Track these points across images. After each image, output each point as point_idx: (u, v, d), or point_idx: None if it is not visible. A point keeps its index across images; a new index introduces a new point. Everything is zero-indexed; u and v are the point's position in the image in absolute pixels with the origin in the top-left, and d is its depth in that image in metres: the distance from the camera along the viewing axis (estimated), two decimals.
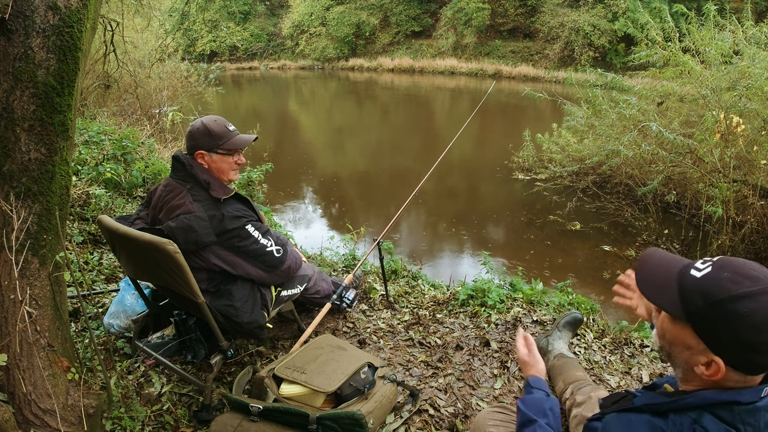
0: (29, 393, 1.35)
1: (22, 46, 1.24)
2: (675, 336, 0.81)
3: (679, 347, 0.81)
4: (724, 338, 0.74)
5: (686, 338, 0.79)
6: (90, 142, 4.19)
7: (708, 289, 0.75)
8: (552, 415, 1.05)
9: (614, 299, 1.26)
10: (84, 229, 3.03)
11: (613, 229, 5.10)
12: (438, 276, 3.69)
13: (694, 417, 0.77)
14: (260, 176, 4.72)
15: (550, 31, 21.02)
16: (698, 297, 0.76)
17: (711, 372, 0.76)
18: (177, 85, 8.58)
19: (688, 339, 0.79)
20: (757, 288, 0.72)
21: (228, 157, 1.75)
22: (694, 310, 0.76)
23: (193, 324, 1.80)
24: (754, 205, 4.13)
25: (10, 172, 1.30)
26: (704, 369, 0.77)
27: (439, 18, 24.84)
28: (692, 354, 0.79)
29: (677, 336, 0.80)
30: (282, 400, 1.62)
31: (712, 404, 0.77)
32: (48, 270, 1.40)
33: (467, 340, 2.26)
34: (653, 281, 0.84)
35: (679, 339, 0.80)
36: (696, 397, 0.78)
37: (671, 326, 0.81)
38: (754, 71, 4.09)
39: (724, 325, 0.73)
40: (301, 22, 27.40)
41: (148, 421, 1.70)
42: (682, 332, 0.79)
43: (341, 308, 2.34)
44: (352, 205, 6.28)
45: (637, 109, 5.21)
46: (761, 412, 0.76)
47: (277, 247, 1.81)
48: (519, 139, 6.98)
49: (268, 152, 7.43)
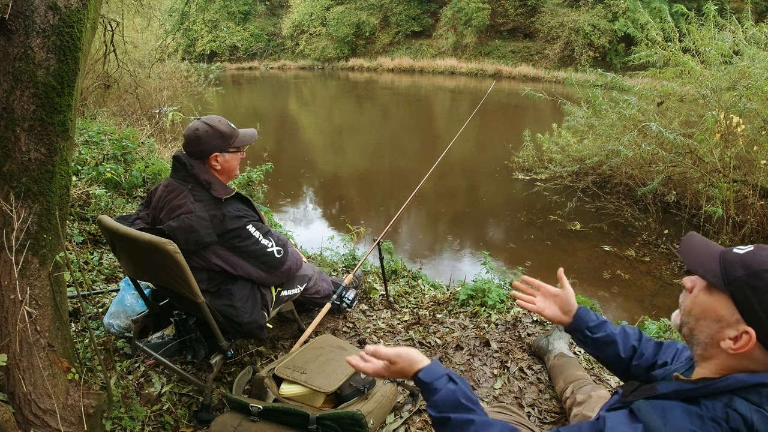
0: (29, 393, 1.35)
1: (22, 46, 1.24)
2: (706, 308, 0.82)
3: (707, 321, 0.82)
4: (760, 308, 0.75)
5: (719, 309, 0.80)
6: (90, 142, 4.19)
7: (750, 261, 0.78)
8: (477, 402, 0.94)
9: (516, 302, 1.21)
10: (84, 229, 3.03)
11: (613, 229, 5.10)
12: (438, 276, 3.69)
13: (726, 401, 0.77)
14: (260, 176, 4.72)
15: (550, 31, 21.03)
16: (740, 267, 0.78)
17: (739, 345, 0.77)
18: (177, 85, 8.58)
19: (721, 310, 0.80)
20: None
21: (237, 155, 1.79)
22: (734, 279, 0.78)
23: (193, 324, 1.80)
24: (754, 205, 4.13)
25: (10, 172, 1.30)
26: (732, 343, 0.78)
27: (439, 18, 24.85)
28: (721, 327, 0.80)
29: (710, 307, 0.82)
30: (282, 400, 1.62)
31: (741, 388, 0.78)
32: (48, 270, 1.40)
33: (467, 340, 2.26)
34: (696, 254, 0.86)
35: (710, 311, 0.82)
36: (726, 380, 0.79)
37: (706, 298, 0.83)
38: (754, 71, 4.09)
39: (762, 294, 0.75)
40: (301, 22, 27.40)
41: (148, 421, 1.70)
42: (717, 303, 0.81)
43: (341, 308, 2.34)
44: (352, 205, 6.28)
45: (637, 109, 5.21)
46: None
47: (278, 248, 1.81)
48: (519, 139, 6.99)
49: (268, 152, 7.43)
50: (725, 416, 0.76)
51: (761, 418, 0.75)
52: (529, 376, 2.04)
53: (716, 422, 0.76)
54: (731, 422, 0.75)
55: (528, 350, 2.20)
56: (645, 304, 3.66)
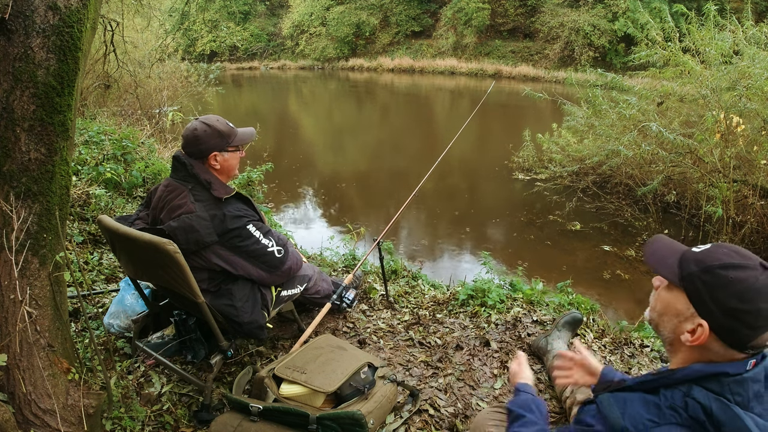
0: (29, 393, 1.35)
1: (22, 46, 1.24)
2: (667, 304, 0.88)
3: (668, 316, 0.88)
4: (711, 301, 0.80)
5: (677, 304, 0.85)
6: (90, 142, 4.19)
7: (703, 258, 0.83)
8: (538, 411, 1.08)
9: (555, 382, 1.35)
10: (84, 229, 3.03)
11: (613, 229, 5.10)
12: (438, 276, 3.69)
13: (684, 390, 0.81)
14: (260, 176, 4.72)
15: (550, 31, 21.02)
16: (693, 264, 0.84)
17: (695, 337, 0.82)
18: (177, 85, 8.58)
19: (678, 305, 0.85)
20: (747, 262, 0.80)
21: (237, 153, 1.78)
22: (688, 274, 0.84)
23: (193, 324, 1.80)
24: (754, 205, 4.13)
25: (10, 172, 1.30)
26: (689, 336, 0.83)
27: (439, 18, 24.84)
28: (680, 321, 0.85)
29: (669, 303, 0.87)
30: (282, 400, 1.62)
31: (701, 377, 0.81)
32: (48, 270, 1.40)
33: (467, 340, 2.26)
34: (658, 255, 0.91)
35: (670, 306, 0.87)
36: (685, 371, 0.82)
37: (666, 294, 0.88)
38: (754, 71, 4.08)
39: (711, 288, 0.80)
40: (301, 22, 27.39)
41: (148, 421, 1.70)
42: (675, 299, 0.86)
43: (341, 308, 2.34)
44: (352, 205, 6.28)
45: (637, 109, 5.21)
46: (749, 382, 0.79)
47: (278, 248, 1.81)
48: (519, 139, 6.98)
49: (268, 152, 7.43)
50: (684, 405, 0.79)
51: (720, 406, 0.77)
52: None
53: (675, 410, 0.79)
54: (690, 410, 0.78)
55: (528, 350, 2.20)
56: (645, 305, 3.60)
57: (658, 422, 0.79)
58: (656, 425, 0.79)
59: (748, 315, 0.77)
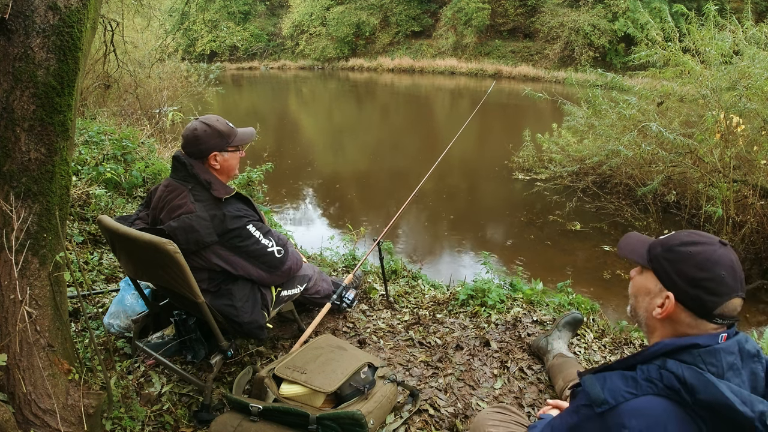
0: (29, 393, 1.35)
1: (22, 46, 1.24)
2: (640, 286, 0.98)
3: (641, 296, 0.97)
4: (674, 273, 0.89)
5: (648, 283, 0.95)
6: (90, 142, 4.19)
7: (666, 240, 0.95)
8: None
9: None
10: (84, 229, 3.03)
11: (613, 229, 5.10)
12: (438, 276, 3.69)
13: (659, 363, 0.87)
14: (260, 176, 4.72)
15: (550, 31, 21.02)
16: (659, 246, 0.95)
17: (664, 309, 0.90)
18: (177, 85, 8.57)
19: (649, 284, 0.95)
20: (704, 240, 0.91)
21: (236, 153, 1.79)
22: (654, 255, 0.94)
23: (193, 324, 1.80)
24: (754, 205, 4.13)
25: (10, 172, 1.30)
26: (659, 309, 0.91)
27: (439, 18, 24.84)
28: (651, 298, 0.94)
29: (642, 285, 0.97)
30: (282, 400, 1.62)
31: (674, 350, 0.87)
32: (48, 270, 1.40)
33: (467, 340, 2.26)
34: (630, 246, 1.02)
35: (642, 287, 0.97)
36: (658, 345, 0.89)
37: (639, 278, 0.99)
38: (754, 71, 4.08)
39: (674, 263, 0.90)
40: (301, 22, 27.39)
41: (148, 421, 1.70)
42: (646, 279, 0.96)
43: (341, 308, 2.34)
44: (352, 205, 6.28)
45: (637, 109, 5.20)
46: (721, 353, 0.85)
47: (278, 248, 1.81)
48: (519, 139, 6.98)
49: (268, 152, 7.43)
50: (659, 376, 0.85)
51: (693, 374, 0.82)
52: (529, 376, 2.04)
53: (651, 382, 0.85)
54: (665, 380, 0.84)
55: (528, 350, 2.20)
56: None
57: (636, 393, 0.85)
58: (634, 396, 0.85)
59: (709, 282, 0.86)
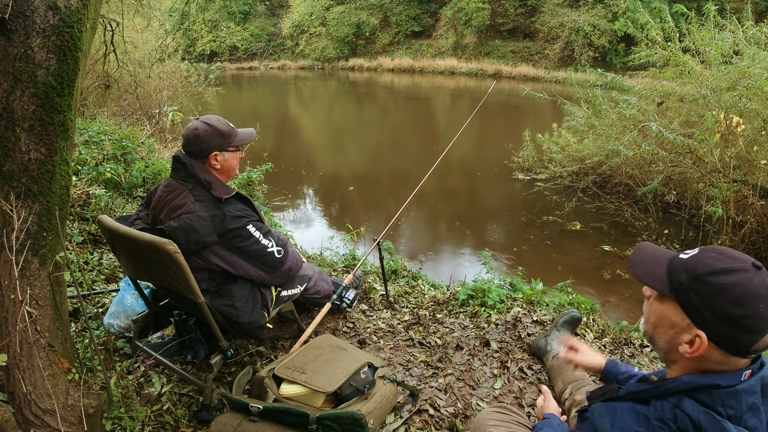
0: (29, 393, 1.35)
1: (22, 46, 1.24)
2: (660, 315, 0.84)
3: (663, 327, 0.84)
4: (706, 310, 0.76)
5: (671, 315, 0.82)
6: (90, 142, 4.19)
7: (693, 265, 0.80)
8: (560, 428, 1.12)
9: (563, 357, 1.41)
10: (84, 229, 3.03)
11: (613, 229, 5.10)
12: (438, 276, 3.69)
13: (674, 401, 0.79)
14: (260, 176, 4.72)
15: (550, 31, 21.01)
16: (683, 272, 0.80)
17: (694, 349, 0.78)
18: (177, 85, 8.58)
19: (673, 316, 0.82)
20: (738, 265, 0.77)
21: (237, 153, 1.79)
22: (679, 284, 0.80)
23: (193, 324, 1.80)
24: (754, 205, 4.13)
25: (10, 172, 1.30)
26: (687, 347, 0.79)
27: (439, 18, 24.83)
28: (676, 333, 0.82)
29: (663, 315, 0.84)
30: (282, 400, 1.62)
31: (693, 389, 0.78)
32: (48, 270, 1.40)
33: (467, 340, 2.26)
34: (644, 264, 0.89)
35: (664, 318, 0.83)
36: (676, 382, 0.80)
37: (658, 306, 0.85)
38: (754, 71, 4.08)
39: (705, 297, 0.76)
40: (301, 22, 27.38)
41: (148, 421, 1.70)
42: (668, 310, 0.82)
43: (341, 308, 2.34)
44: (352, 205, 6.28)
45: (637, 109, 5.21)
46: (742, 394, 0.77)
47: (278, 248, 1.81)
48: (519, 139, 6.98)
49: (268, 152, 7.43)
50: (673, 417, 0.77)
51: (709, 420, 0.75)
52: (529, 376, 2.04)
53: (663, 422, 0.77)
54: (679, 422, 0.76)
55: (528, 350, 2.20)
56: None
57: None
58: None
59: (747, 320, 0.74)
